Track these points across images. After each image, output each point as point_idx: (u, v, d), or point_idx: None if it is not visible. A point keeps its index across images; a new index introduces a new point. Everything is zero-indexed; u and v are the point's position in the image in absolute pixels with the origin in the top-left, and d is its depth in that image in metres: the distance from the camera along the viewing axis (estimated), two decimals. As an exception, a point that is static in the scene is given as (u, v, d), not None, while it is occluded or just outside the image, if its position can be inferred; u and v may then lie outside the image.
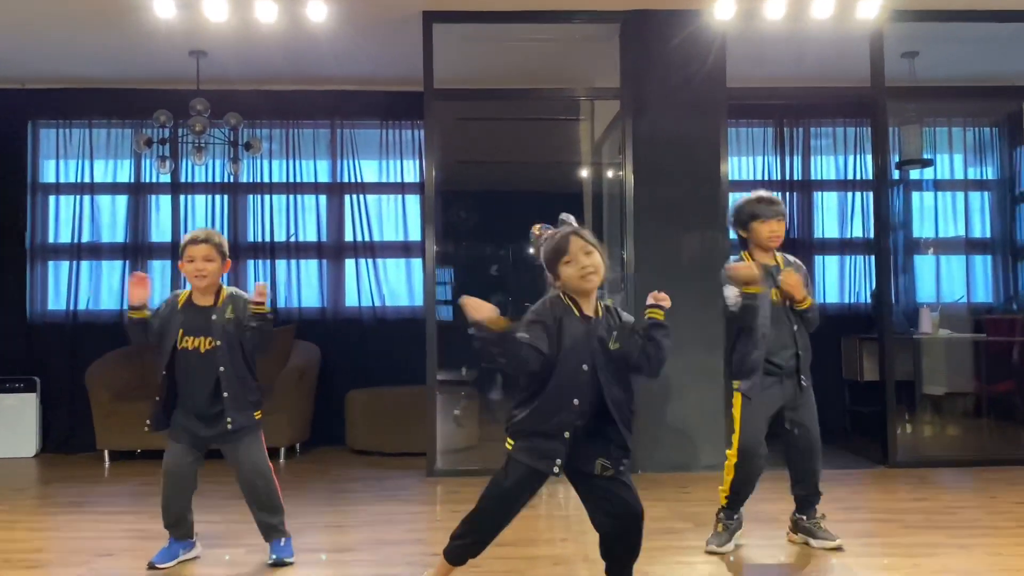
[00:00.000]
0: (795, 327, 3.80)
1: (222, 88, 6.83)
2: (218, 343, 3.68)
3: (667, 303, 2.97)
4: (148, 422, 3.77)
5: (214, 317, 3.70)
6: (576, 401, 2.81)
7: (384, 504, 5.04)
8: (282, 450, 6.54)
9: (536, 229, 3.03)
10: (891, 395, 5.97)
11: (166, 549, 3.76)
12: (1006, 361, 6.88)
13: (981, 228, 7.74)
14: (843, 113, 7.44)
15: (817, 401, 7.22)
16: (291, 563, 3.71)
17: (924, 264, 7.69)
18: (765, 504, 4.31)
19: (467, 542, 2.97)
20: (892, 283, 7.46)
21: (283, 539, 3.80)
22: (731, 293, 3.69)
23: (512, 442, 2.90)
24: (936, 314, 6.89)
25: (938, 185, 7.69)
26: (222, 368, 3.67)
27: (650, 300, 2.99)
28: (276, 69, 6.71)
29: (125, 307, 7.05)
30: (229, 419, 3.67)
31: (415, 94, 6.21)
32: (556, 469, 2.83)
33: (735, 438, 3.80)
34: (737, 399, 3.83)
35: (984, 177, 7.77)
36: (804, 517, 3.92)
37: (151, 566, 3.67)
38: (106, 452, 6.56)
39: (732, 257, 3.97)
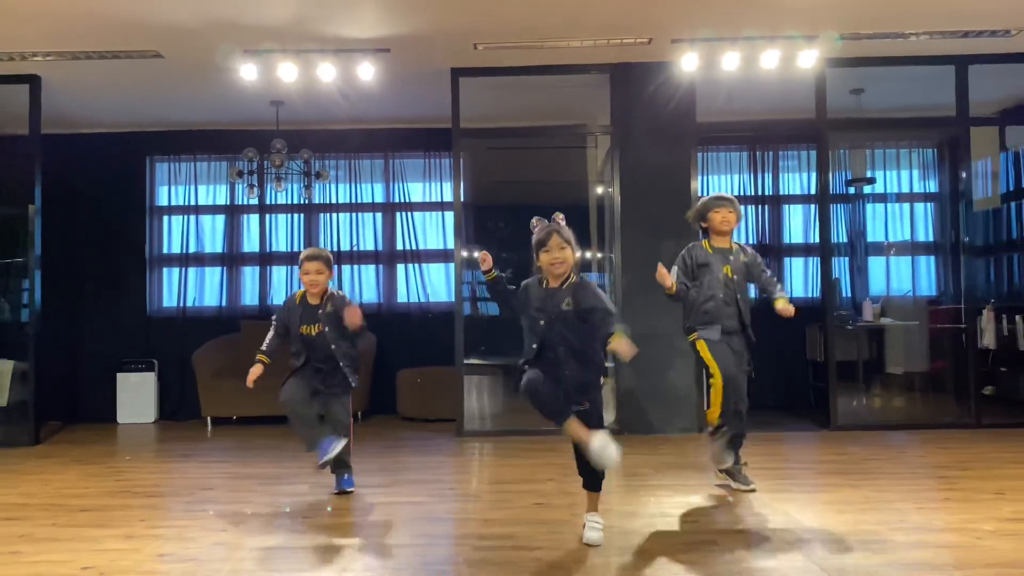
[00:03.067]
0: (738, 296, 4.26)
1: (297, 129, 7.47)
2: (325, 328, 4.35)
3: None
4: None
5: (320, 312, 4.39)
6: (534, 345, 3.33)
7: (422, 456, 5.66)
8: (346, 417, 7.18)
9: (535, 221, 3.46)
10: (833, 372, 6.39)
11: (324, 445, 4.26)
12: (939, 344, 7.21)
13: (925, 233, 8.04)
14: (800, 140, 7.81)
15: (786, 378, 7.72)
16: (351, 492, 4.37)
17: (876, 264, 8.01)
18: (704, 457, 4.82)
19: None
20: (847, 280, 7.90)
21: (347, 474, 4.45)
22: (674, 271, 4.27)
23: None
24: (878, 305, 7.25)
25: (887, 197, 8.00)
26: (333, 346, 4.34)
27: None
28: (338, 114, 7.28)
29: (224, 303, 7.82)
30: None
31: (450, 130, 6.74)
32: (525, 365, 3.33)
33: (714, 368, 4.15)
34: (702, 346, 4.22)
35: (928, 190, 8.07)
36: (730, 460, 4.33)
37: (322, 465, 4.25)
38: (208, 419, 7.25)
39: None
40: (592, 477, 3.42)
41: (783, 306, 4.25)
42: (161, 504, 4.30)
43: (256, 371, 4.31)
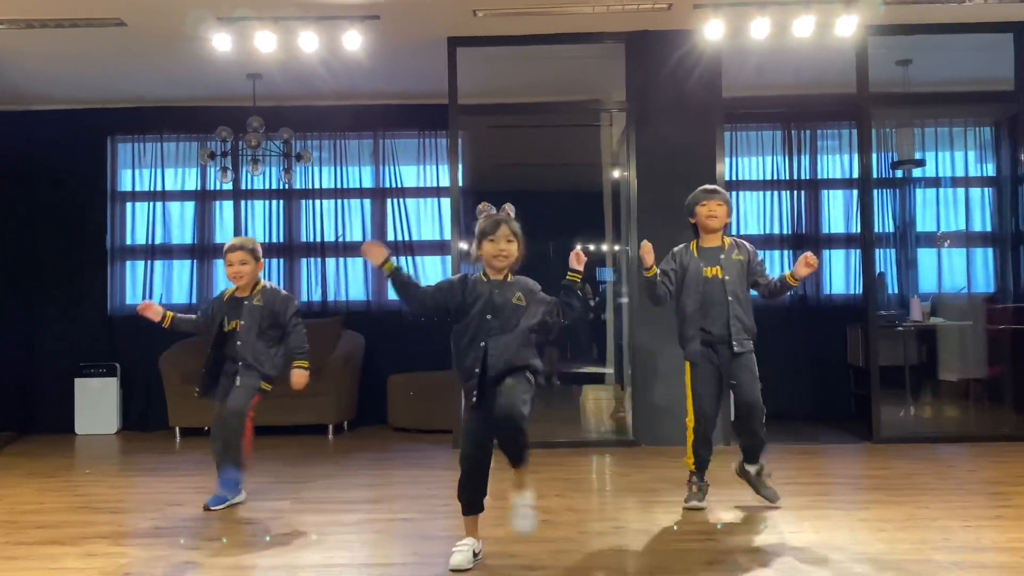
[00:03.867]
0: (729, 299, 4.33)
1: (276, 105, 7.56)
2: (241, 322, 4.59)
3: (580, 265, 3.50)
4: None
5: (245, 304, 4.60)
6: (483, 343, 3.42)
7: (413, 470, 5.75)
8: (330, 427, 7.28)
9: (482, 206, 3.56)
10: (875, 378, 6.44)
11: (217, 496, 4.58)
12: (998, 347, 7.25)
13: (982, 222, 8.08)
14: (837, 117, 7.84)
15: (824, 385, 7.77)
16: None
17: (926, 257, 8.05)
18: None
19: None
20: (893, 275, 7.95)
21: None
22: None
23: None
24: (927, 303, 7.31)
25: (939, 182, 8.05)
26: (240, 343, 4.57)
27: (571, 262, 3.52)
28: (322, 88, 7.36)
29: (195, 300, 7.94)
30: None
31: (447, 106, 6.83)
32: (473, 399, 3.43)
33: (689, 406, 4.41)
34: (687, 368, 4.44)
35: (985, 174, 8.12)
36: (751, 469, 4.43)
37: (206, 508, 4.49)
38: (177, 429, 7.35)
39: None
40: (519, 453, 3.43)
41: (799, 269, 4.29)
42: (125, 521, 4.41)
43: (152, 310, 4.67)
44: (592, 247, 8.87)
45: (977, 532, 3.81)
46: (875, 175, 7.93)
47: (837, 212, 8.13)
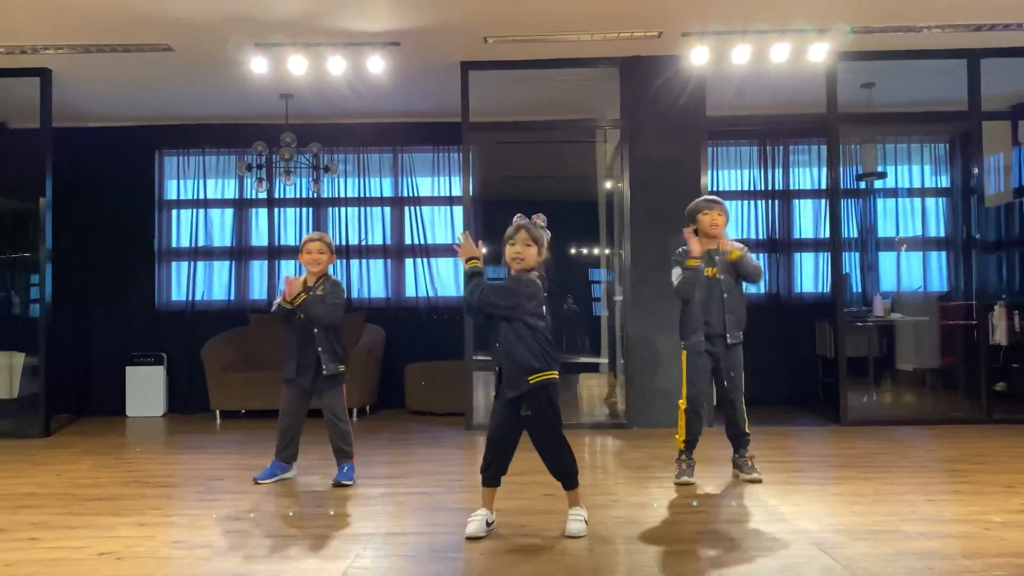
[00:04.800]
0: (724, 295, 4.33)
1: (305, 123, 7.55)
2: None
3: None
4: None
5: (311, 293, 4.50)
6: (497, 344, 3.40)
7: (430, 448, 5.71)
8: (354, 410, 7.24)
9: (516, 217, 3.48)
10: (843, 367, 6.41)
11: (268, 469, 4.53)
12: (953, 340, 7.22)
13: (936, 228, 8.05)
14: (810, 134, 7.84)
15: (795, 373, 7.75)
16: (349, 485, 4.41)
17: (887, 259, 8.03)
18: (718, 451, 4.88)
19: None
20: (857, 276, 7.91)
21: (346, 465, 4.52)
22: (675, 274, 4.31)
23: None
24: (888, 301, 7.27)
25: (898, 192, 8.02)
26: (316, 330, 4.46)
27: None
28: (347, 107, 7.35)
29: (233, 297, 7.90)
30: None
31: (459, 124, 6.78)
32: (494, 396, 3.43)
33: (683, 389, 4.38)
34: (683, 356, 4.41)
35: (939, 185, 8.08)
36: (737, 455, 4.44)
37: (255, 482, 4.44)
38: (217, 412, 7.33)
39: (682, 248, 4.46)
40: (566, 478, 3.47)
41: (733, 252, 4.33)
42: (173, 494, 4.36)
43: (296, 284, 4.44)
44: (585, 251, 8.83)
45: (939, 506, 3.76)
46: (841, 186, 7.96)
47: (807, 219, 8.10)
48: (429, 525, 3.60)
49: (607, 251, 8.22)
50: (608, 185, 8.42)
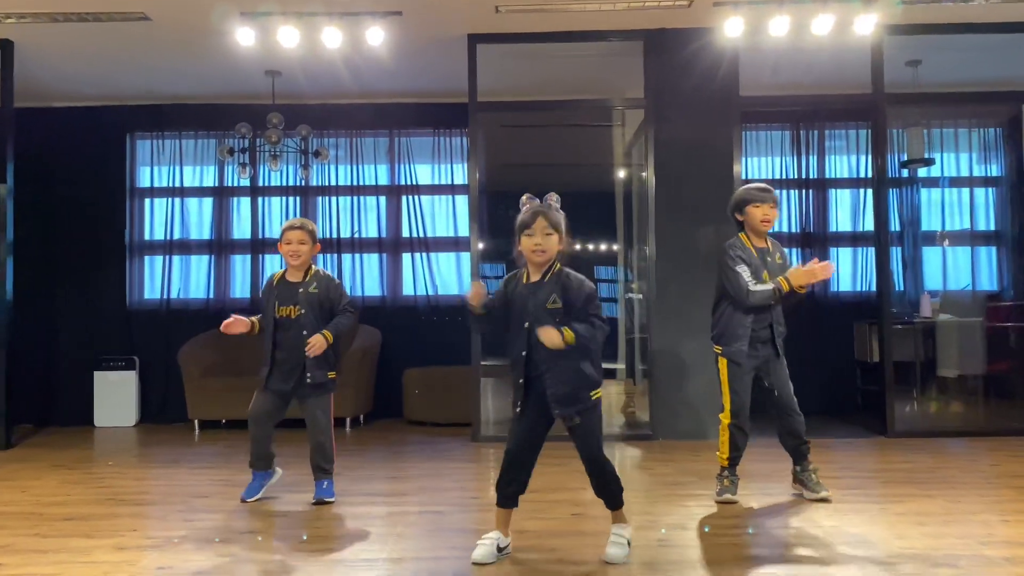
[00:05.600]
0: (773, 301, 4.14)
1: (294, 103, 7.36)
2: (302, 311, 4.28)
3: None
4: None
5: (300, 291, 4.31)
6: (523, 353, 3.17)
7: (434, 462, 5.53)
8: (347, 420, 7.07)
9: (524, 198, 3.25)
10: (889, 373, 6.27)
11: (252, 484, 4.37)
12: (1004, 343, 7.08)
13: (986, 222, 7.91)
14: (852, 116, 7.69)
15: (830, 381, 7.62)
16: (331, 503, 4.27)
17: (931, 255, 7.88)
18: (758, 464, 4.72)
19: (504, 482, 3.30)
20: (900, 273, 7.77)
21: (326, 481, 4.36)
22: (747, 274, 4.07)
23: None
24: (936, 300, 7.13)
25: (943, 182, 7.87)
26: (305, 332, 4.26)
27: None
28: (341, 86, 7.18)
29: (212, 295, 7.74)
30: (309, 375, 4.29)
31: (463, 105, 6.64)
32: (517, 410, 3.21)
33: (726, 402, 4.20)
34: (723, 365, 4.20)
35: (989, 174, 7.94)
36: (799, 468, 4.28)
37: (243, 500, 4.27)
38: (196, 421, 7.15)
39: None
40: (611, 499, 3.31)
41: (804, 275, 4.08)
42: (152, 513, 4.19)
43: (238, 324, 4.23)
44: (604, 247, 8.67)
45: (1018, 527, 3.61)
46: (871, 175, 7.81)
47: (844, 211, 7.95)
48: (450, 548, 3.42)
49: (616, 246, 8.08)
50: (622, 174, 8.28)
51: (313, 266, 4.41)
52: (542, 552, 3.35)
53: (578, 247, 8.81)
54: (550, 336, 3.04)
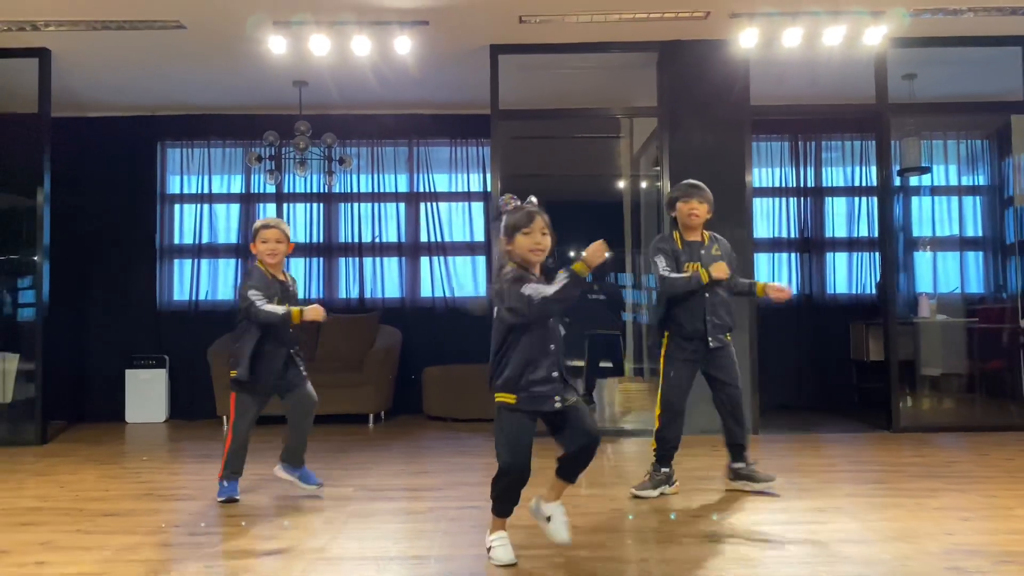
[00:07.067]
0: (706, 295, 3.87)
1: (320, 113, 7.07)
2: None
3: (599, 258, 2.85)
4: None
5: (291, 289, 4.03)
6: (552, 346, 2.89)
7: (460, 457, 5.22)
8: (370, 416, 6.76)
9: (507, 197, 3.01)
10: (895, 372, 6.00)
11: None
12: (996, 343, 6.85)
13: (974, 228, 7.69)
14: (851, 128, 7.48)
15: (826, 379, 7.36)
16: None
17: (922, 259, 7.66)
18: (782, 459, 4.42)
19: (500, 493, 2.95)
20: (895, 276, 7.50)
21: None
22: (675, 276, 3.85)
23: (513, 396, 2.84)
24: (934, 301, 6.89)
25: (935, 191, 7.65)
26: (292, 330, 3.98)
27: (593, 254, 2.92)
28: (364, 96, 6.90)
29: (238, 297, 7.36)
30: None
31: (480, 116, 6.41)
32: (557, 404, 2.86)
33: (659, 396, 3.92)
34: (663, 355, 3.95)
35: (976, 183, 7.73)
36: (741, 465, 3.99)
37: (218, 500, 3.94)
38: (224, 418, 6.80)
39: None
40: (570, 472, 2.98)
41: (774, 289, 3.90)
42: (192, 508, 3.85)
43: (320, 309, 3.83)
44: (609, 254, 8.37)
45: (1060, 520, 3.34)
46: (864, 183, 7.60)
47: (840, 218, 7.71)
48: (465, 546, 3.09)
49: (629, 255, 7.81)
50: (621, 184, 8.02)
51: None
52: (593, 549, 3.04)
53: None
54: (596, 249, 2.83)
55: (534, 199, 3.01)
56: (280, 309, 3.81)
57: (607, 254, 2.83)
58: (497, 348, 2.90)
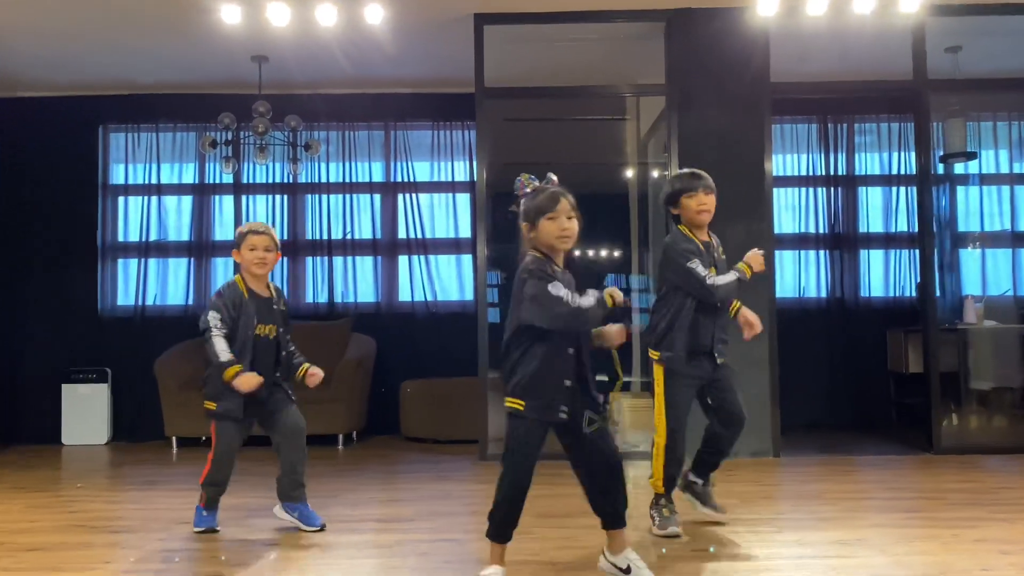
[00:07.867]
0: (718, 304, 3.76)
1: (282, 92, 7.07)
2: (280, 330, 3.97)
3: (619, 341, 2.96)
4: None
5: (275, 307, 3.98)
6: (571, 350, 2.88)
7: (439, 483, 5.21)
8: (340, 437, 6.75)
9: (524, 178, 2.97)
10: (936, 385, 5.99)
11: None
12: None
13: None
14: (886, 108, 7.46)
15: (860, 394, 7.35)
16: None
17: (969, 258, 7.65)
18: (804, 485, 4.42)
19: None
20: (937, 277, 7.50)
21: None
22: (724, 281, 3.70)
23: (521, 403, 2.87)
24: (981, 305, 6.87)
25: (983, 179, 7.63)
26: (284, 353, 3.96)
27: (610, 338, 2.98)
28: (333, 73, 6.90)
29: (192, 302, 7.38)
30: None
31: (465, 96, 6.40)
32: (563, 415, 2.86)
33: (660, 420, 3.77)
34: (659, 374, 3.77)
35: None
36: (700, 481, 3.94)
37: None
38: (174, 439, 6.81)
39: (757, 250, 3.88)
40: (623, 510, 3.03)
41: (744, 321, 3.82)
42: (129, 542, 3.83)
43: (254, 379, 3.77)
44: (617, 253, 8.37)
45: (1115, 556, 3.32)
46: (903, 171, 7.59)
47: (875, 210, 7.71)
48: None
49: (635, 253, 7.81)
50: (628, 173, 8.00)
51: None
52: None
53: (591, 253, 8.62)
54: (619, 333, 2.89)
55: (554, 177, 2.98)
56: (228, 355, 3.73)
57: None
58: (507, 347, 2.91)
